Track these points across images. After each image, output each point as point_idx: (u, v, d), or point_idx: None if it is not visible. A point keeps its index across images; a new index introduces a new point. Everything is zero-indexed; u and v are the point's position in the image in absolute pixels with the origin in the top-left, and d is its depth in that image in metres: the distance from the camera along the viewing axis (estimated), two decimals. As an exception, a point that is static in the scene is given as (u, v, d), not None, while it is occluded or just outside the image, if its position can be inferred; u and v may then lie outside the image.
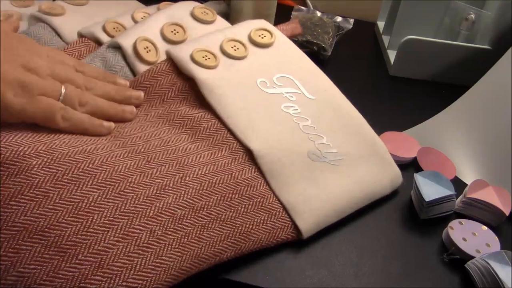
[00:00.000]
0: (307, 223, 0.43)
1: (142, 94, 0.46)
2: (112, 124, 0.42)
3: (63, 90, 0.39)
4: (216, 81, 0.46)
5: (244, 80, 0.48)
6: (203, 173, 0.41)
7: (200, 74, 0.46)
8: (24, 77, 0.37)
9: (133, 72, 0.49)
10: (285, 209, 0.43)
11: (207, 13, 0.56)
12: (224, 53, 0.49)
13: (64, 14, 0.56)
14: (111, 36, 0.52)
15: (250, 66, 0.49)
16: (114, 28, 0.53)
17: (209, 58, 0.48)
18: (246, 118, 0.45)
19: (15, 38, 0.40)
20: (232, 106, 0.45)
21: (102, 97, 0.43)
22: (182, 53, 0.47)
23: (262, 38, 0.52)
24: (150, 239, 0.36)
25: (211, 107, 0.45)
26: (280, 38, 0.53)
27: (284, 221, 0.42)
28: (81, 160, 0.37)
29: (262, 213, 0.42)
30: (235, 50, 0.50)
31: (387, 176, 0.48)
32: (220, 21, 0.56)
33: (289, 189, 0.43)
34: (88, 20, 0.55)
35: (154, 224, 0.37)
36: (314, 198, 0.44)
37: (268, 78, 0.49)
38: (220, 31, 0.52)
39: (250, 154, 0.44)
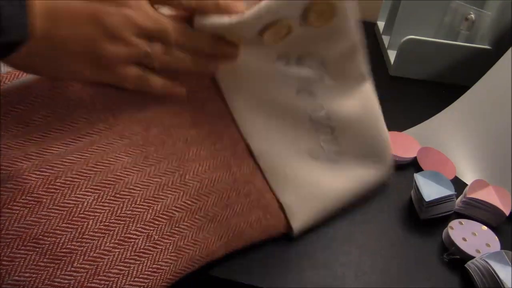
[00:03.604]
0: (299, 220, 0.43)
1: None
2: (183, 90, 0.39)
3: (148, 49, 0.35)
4: None
5: (262, 56, 0.41)
6: (203, 169, 0.40)
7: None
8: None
9: None
10: (279, 205, 0.43)
11: None
12: None
13: None
14: None
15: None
16: None
17: None
18: (251, 112, 0.43)
19: None
20: (240, 98, 0.42)
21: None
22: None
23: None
24: (147, 244, 0.36)
25: (218, 84, 0.42)
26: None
27: (278, 218, 0.43)
28: (75, 161, 0.35)
29: (257, 210, 0.42)
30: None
31: (379, 173, 0.48)
32: None
33: (285, 186, 0.43)
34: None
35: (151, 228, 0.36)
36: (308, 195, 0.44)
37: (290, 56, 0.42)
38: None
39: (249, 147, 0.43)
